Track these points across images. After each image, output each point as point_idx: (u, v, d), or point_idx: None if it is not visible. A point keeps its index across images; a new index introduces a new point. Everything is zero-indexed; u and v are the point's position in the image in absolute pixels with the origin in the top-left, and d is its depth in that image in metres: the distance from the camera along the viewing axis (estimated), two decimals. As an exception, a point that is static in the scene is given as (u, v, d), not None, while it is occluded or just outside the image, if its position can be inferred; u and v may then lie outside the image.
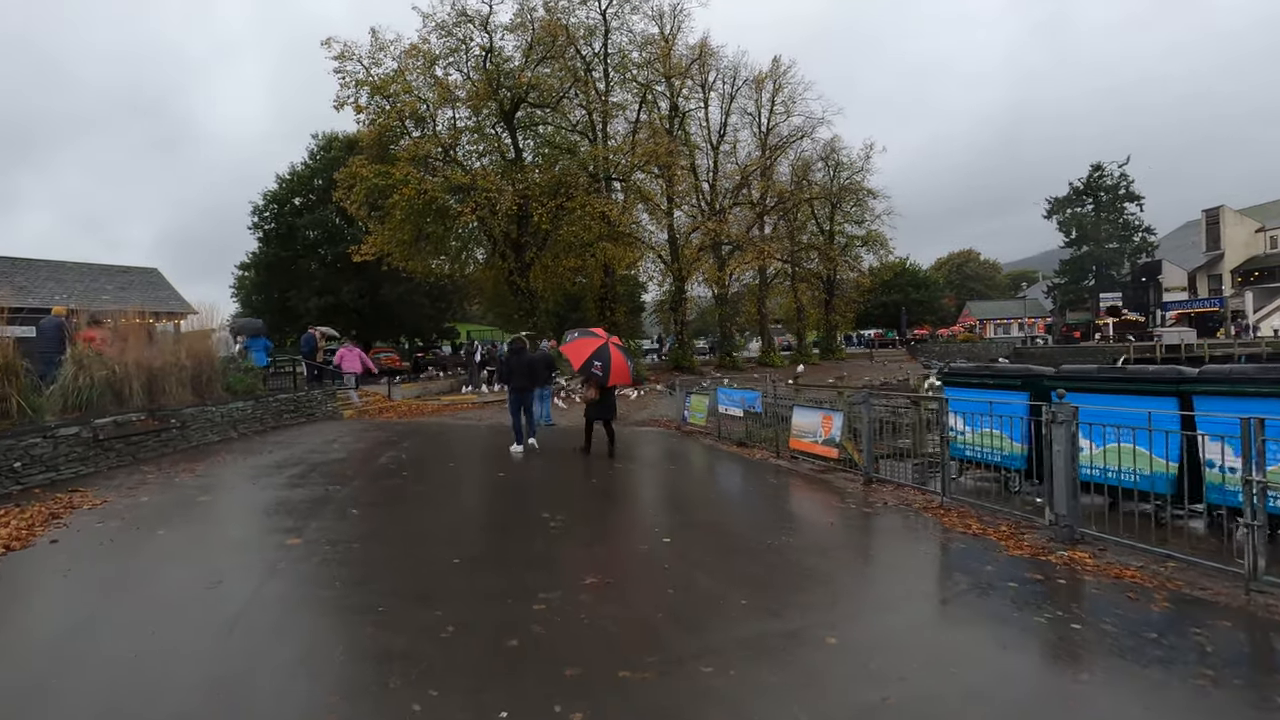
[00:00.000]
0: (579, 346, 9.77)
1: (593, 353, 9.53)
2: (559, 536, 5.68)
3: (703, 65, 35.69)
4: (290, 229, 39.18)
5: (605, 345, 9.70)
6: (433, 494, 7.38)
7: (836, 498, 7.48)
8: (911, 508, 6.94)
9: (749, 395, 11.61)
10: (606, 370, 9.45)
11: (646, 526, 6.09)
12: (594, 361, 9.45)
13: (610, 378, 9.57)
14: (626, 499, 7.52)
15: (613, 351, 9.65)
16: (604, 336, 9.99)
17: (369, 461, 9.29)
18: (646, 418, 17.30)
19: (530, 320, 25.93)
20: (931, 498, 7.22)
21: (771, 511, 7.17)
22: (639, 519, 6.54)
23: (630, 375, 10.10)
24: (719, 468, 9.86)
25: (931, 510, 6.74)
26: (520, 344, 10.89)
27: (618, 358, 9.66)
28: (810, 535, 5.99)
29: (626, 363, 9.84)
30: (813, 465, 9.41)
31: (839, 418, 8.87)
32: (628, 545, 5.55)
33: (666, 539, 5.55)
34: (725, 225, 36.72)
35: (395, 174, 20.99)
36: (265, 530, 5.78)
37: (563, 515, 6.29)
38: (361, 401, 17.27)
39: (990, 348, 60.15)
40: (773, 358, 41.99)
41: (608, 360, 9.48)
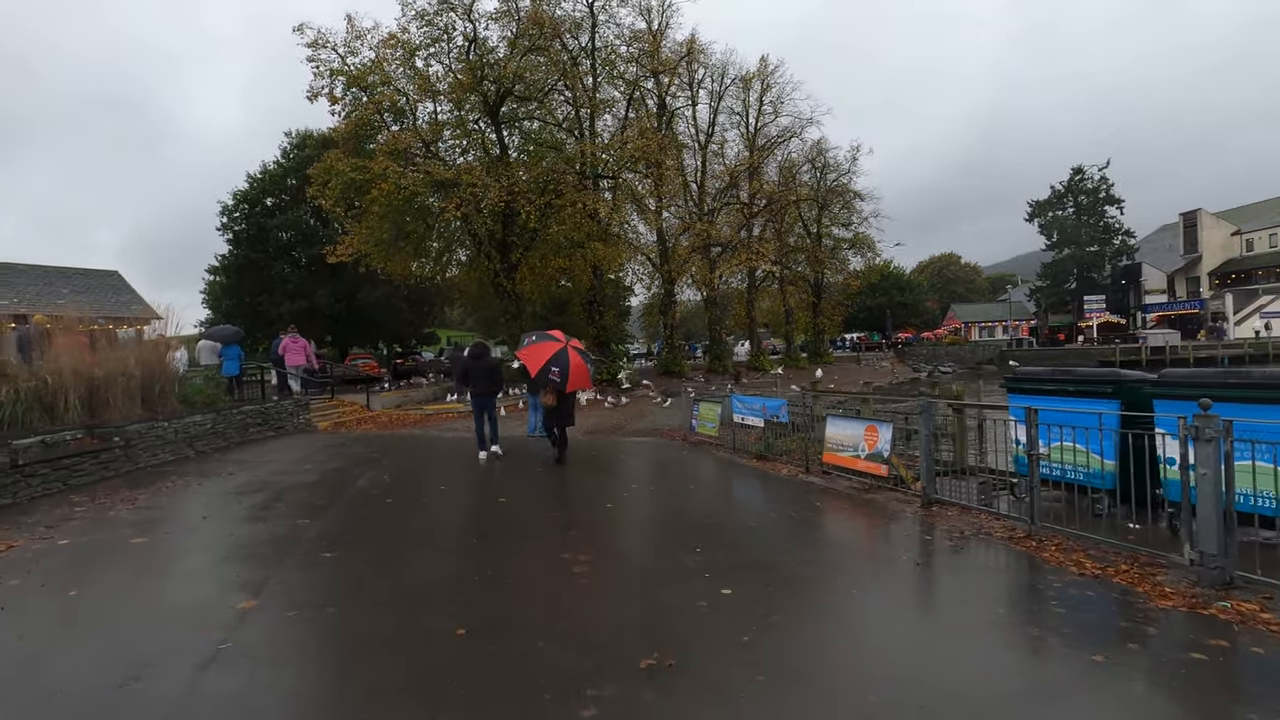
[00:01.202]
0: (535, 351, 9.40)
1: (550, 358, 9.13)
2: (588, 589, 4.52)
3: (690, 63, 34.78)
4: (262, 230, 37.46)
5: (564, 350, 9.29)
6: (422, 528, 6.16)
7: (900, 525, 6.40)
8: (993, 537, 5.88)
9: (771, 403, 10.53)
10: (564, 376, 9.04)
11: (694, 567, 4.94)
12: (551, 368, 9.06)
13: (569, 383, 9.15)
14: (656, 530, 6.36)
15: (571, 356, 9.25)
16: (562, 340, 9.55)
17: (345, 485, 8.03)
18: (647, 427, 16.15)
19: (516, 324, 24.67)
20: (1012, 525, 6.16)
21: (834, 547, 6.06)
22: (680, 557, 5.39)
23: (590, 380, 9.72)
24: (744, 486, 8.75)
25: (1020, 541, 5.69)
26: (482, 348, 10.49)
27: (576, 362, 9.25)
28: (904, 585, 4.89)
29: (586, 366, 9.48)
30: (852, 483, 8.34)
31: (886, 429, 7.81)
32: (678, 594, 4.41)
33: (726, 590, 4.41)
34: (715, 227, 35.87)
35: (373, 168, 19.65)
36: (212, 587, 4.53)
37: (585, 555, 5.13)
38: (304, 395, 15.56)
39: (976, 350, 60.03)
40: (762, 361, 41.17)
41: (565, 365, 9.07)
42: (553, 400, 9.46)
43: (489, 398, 10.18)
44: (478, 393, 10.02)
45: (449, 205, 19.66)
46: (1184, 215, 67.98)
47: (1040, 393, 7.05)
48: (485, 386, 10.03)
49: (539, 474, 9.12)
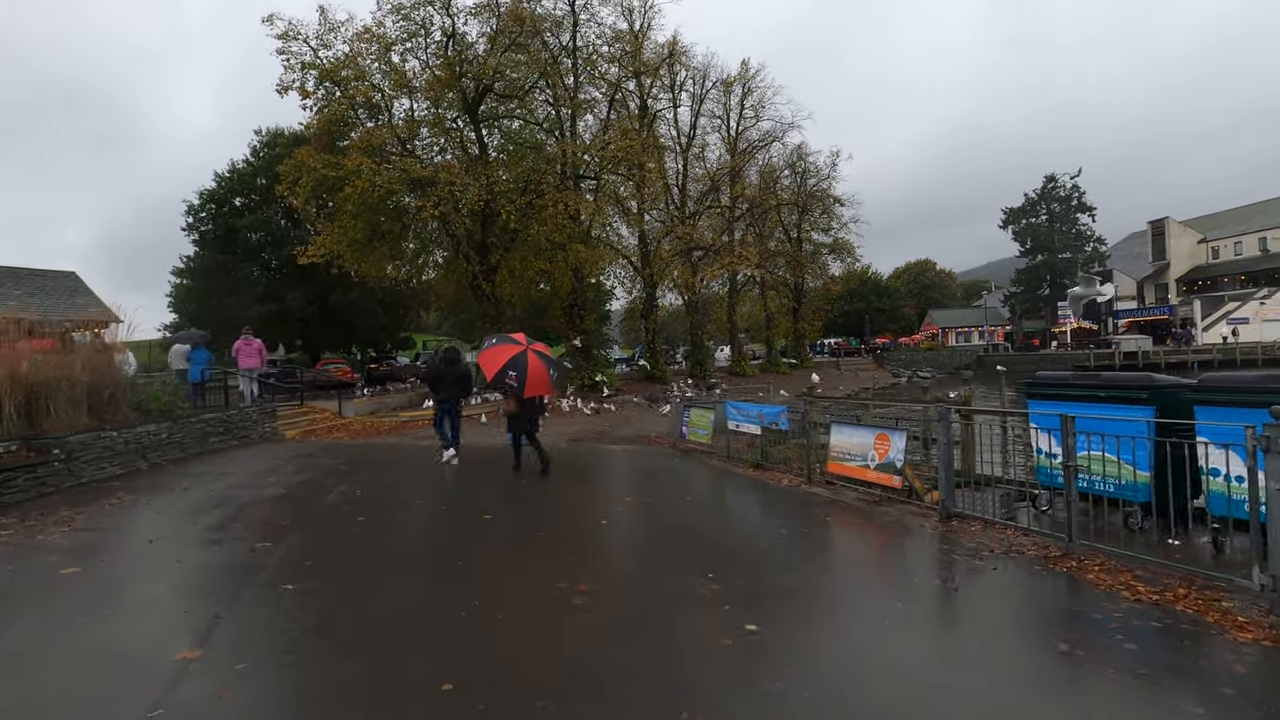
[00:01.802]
0: (493, 354, 9.03)
1: (507, 362, 8.76)
2: (593, 626, 3.92)
3: (672, 64, 34.47)
4: (230, 231, 36.23)
5: (523, 353, 8.93)
6: (398, 551, 5.51)
7: (922, 543, 5.90)
8: (1025, 556, 5.41)
9: (769, 410, 10.02)
10: (522, 381, 8.66)
11: (710, 597, 4.37)
12: (508, 372, 8.68)
13: (526, 388, 8.75)
14: (661, 551, 5.77)
15: (531, 360, 8.87)
16: (523, 344, 9.18)
17: (313, 501, 7.33)
18: (633, 434, 15.55)
19: (495, 327, 23.92)
20: (1044, 541, 5.69)
21: (858, 569, 5.53)
22: (692, 584, 4.82)
23: (551, 385, 9.37)
24: (746, 499, 8.21)
25: (1057, 561, 5.21)
26: (454, 354, 10.25)
27: (536, 366, 8.85)
28: (946, 616, 4.37)
29: (548, 371, 9.08)
30: (859, 494, 7.85)
31: (899, 438, 7.33)
32: (698, 631, 3.84)
33: (751, 624, 3.85)
34: (697, 230, 35.50)
35: (346, 165, 18.83)
36: (150, 631, 3.84)
37: (585, 583, 4.54)
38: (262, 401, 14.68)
39: (954, 355, 60.32)
40: (744, 366, 40.87)
41: (524, 370, 8.70)
42: (514, 406, 9.12)
43: (455, 403, 10.05)
44: (444, 398, 9.87)
45: (426, 204, 18.91)
46: (1152, 223, 69.43)
47: (1066, 398, 6.62)
48: (452, 392, 9.86)
49: (524, 486, 8.49)
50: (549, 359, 9.46)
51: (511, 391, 8.89)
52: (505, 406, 9.43)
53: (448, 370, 9.91)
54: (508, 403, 9.25)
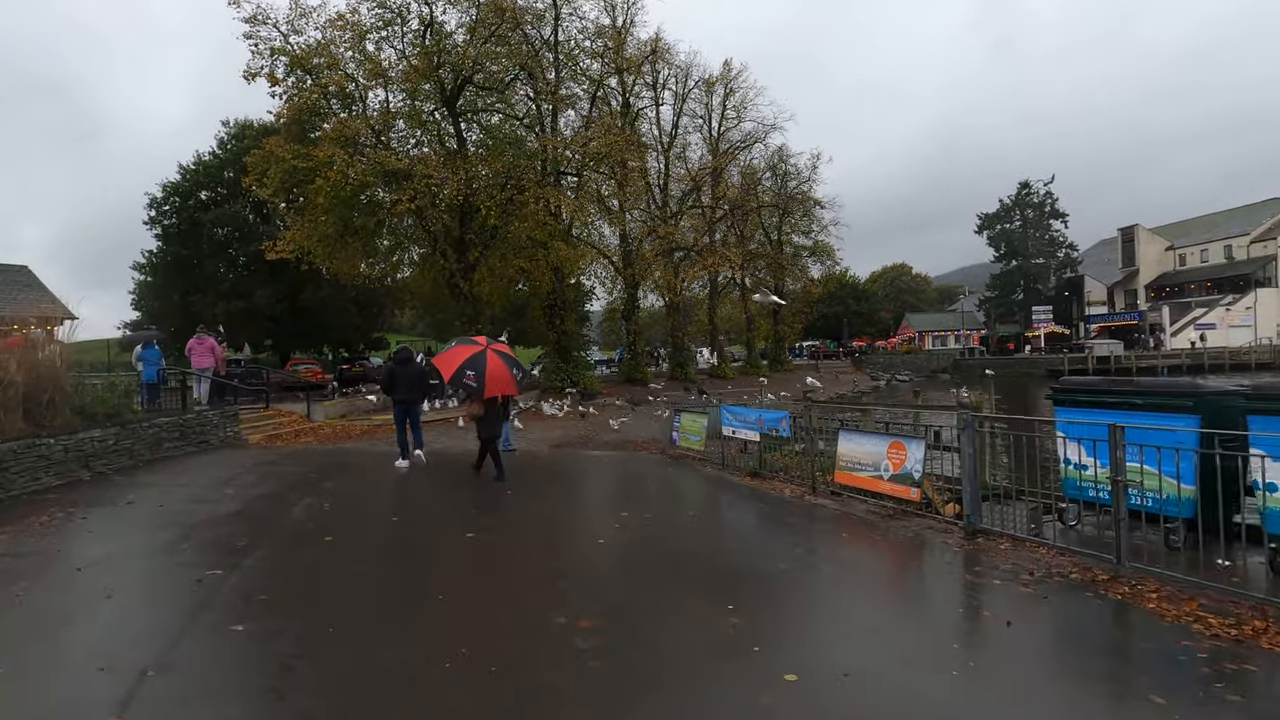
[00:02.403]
0: (451, 355, 8.84)
1: (464, 361, 8.51)
2: (604, 678, 3.31)
3: (655, 62, 33.96)
4: (194, 225, 34.84)
5: (482, 353, 8.68)
6: (371, 579, 4.81)
7: (952, 564, 5.38)
8: (1069, 579, 4.91)
9: (770, 415, 9.48)
10: (481, 380, 8.38)
11: (735, 638, 3.79)
12: (466, 371, 8.41)
13: (486, 388, 8.45)
14: (668, 577, 5.14)
15: (491, 359, 8.62)
16: (483, 344, 8.95)
17: (275, 517, 6.59)
18: (618, 439, 14.94)
19: (473, 328, 23.12)
20: (1083, 562, 5.21)
21: (892, 598, 4.96)
22: (713, 619, 4.22)
23: (515, 385, 9.09)
24: (750, 513, 7.65)
25: (1107, 586, 4.72)
26: (407, 353, 9.98)
27: (496, 366, 8.59)
28: (1012, 662, 3.83)
29: (510, 372, 8.81)
30: (870, 506, 7.34)
31: (916, 447, 6.81)
32: (730, 684, 3.24)
33: (789, 674, 3.27)
34: (679, 230, 35.03)
35: (317, 155, 17.91)
36: (64, 689, 3.14)
37: (587, 619, 3.92)
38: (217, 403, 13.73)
39: (931, 359, 60.74)
40: (724, 369, 40.48)
41: (482, 369, 8.43)
42: (479, 409, 8.81)
43: (413, 404, 9.84)
44: (401, 399, 9.63)
45: (402, 198, 18.05)
46: (1122, 230, 70.75)
47: (1097, 406, 6.17)
48: (409, 394, 9.64)
49: (509, 500, 7.83)
50: (511, 359, 9.14)
51: (471, 391, 8.62)
52: (469, 410, 9.11)
53: (402, 370, 9.65)
54: (471, 406, 8.92)
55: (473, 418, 9.16)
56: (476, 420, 9.05)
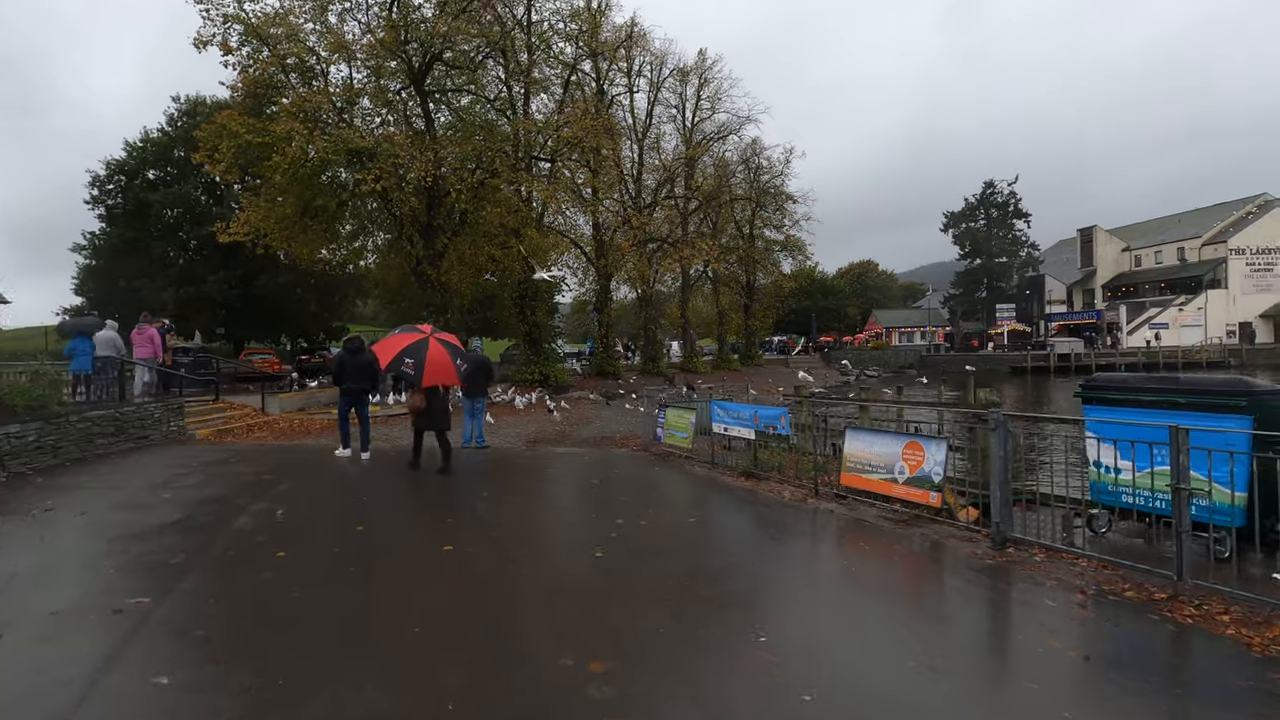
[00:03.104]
0: (391, 342, 8.52)
1: (404, 348, 8.22)
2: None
3: (630, 48, 33.21)
4: (141, 206, 32.87)
5: (424, 341, 8.39)
6: (332, 606, 4.05)
7: (989, 580, 4.85)
8: (1122, 596, 4.43)
9: (767, 411, 8.89)
10: (419, 369, 8.12)
11: (779, 684, 3.17)
12: (404, 358, 8.14)
13: (425, 376, 8.17)
14: (682, 601, 4.49)
15: (433, 347, 8.31)
16: (426, 332, 8.66)
17: (218, 527, 5.74)
18: (596, 435, 14.23)
19: (441, 318, 22.13)
20: (1132, 576, 4.73)
21: (937, 623, 4.40)
22: (746, 654, 3.60)
23: (457, 376, 8.74)
24: (753, 519, 7.05)
25: (1168, 605, 4.23)
26: (358, 343, 9.64)
27: (438, 354, 8.28)
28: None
29: (452, 361, 8.47)
30: (879, 511, 6.82)
31: (937, 448, 6.29)
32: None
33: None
34: (653, 221, 34.41)
35: (274, 129, 16.72)
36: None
37: (598, 660, 3.26)
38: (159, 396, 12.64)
39: (898, 355, 61.29)
40: (696, 363, 40.08)
41: (422, 357, 8.16)
42: (421, 401, 8.54)
43: (361, 395, 9.66)
44: (349, 390, 9.46)
45: (366, 177, 16.97)
46: (1081, 231, 72.42)
47: (1133, 405, 5.72)
48: (357, 383, 9.44)
49: (488, 506, 7.09)
50: (455, 349, 8.78)
51: (408, 379, 8.36)
52: (411, 402, 8.76)
53: (352, 360, 9.39)
54: (415, 397, 8.62)
55: (413, 410, 8.78)
56: (417, 413, 8.73)
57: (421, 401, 8.57)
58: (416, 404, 8.64)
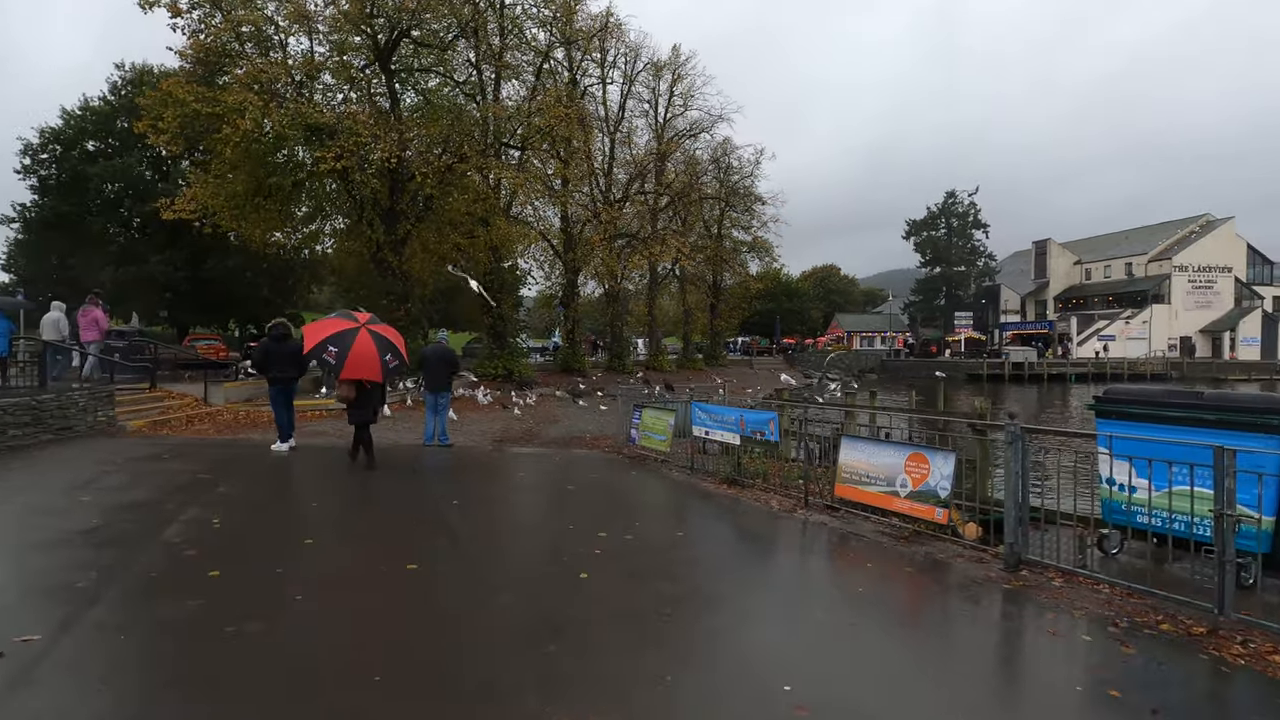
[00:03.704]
0: (320, 326, 8.22)
1: (331, 335, 7.90)
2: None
3: (604, 39, 32.55)
4: (78, 179, 30.87)
5: (354, 330, 8.04)
6: (274, 650, 3.38)
7: (1012, 608, 4.46)
8: (1156, 629, 4.07)
9: (754, 416, 8.41)
10: (341, 359, 7.81)
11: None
12: (328, 346, 7.82)
13: (345, 368, 7.86)
14: (687, 631, 3.97)
15: (361, 339, 7.95)
16: (361, 321, 8.32)
17: (144, 538, 4.97)
18: (564, 435, 13.62)
19: (403, 308, 21.18)
20: (1164, 605, 4.38)
21: (971, 659, 3.95)
22: (761, 693, 3.09)
23: (381, 373, 8.27)
24: (744, 532, 6.57)
25: (1210, 641, 3.88)
26: (284, 329, 9.24)
27: (364, 347, 7.90)
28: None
29: (379, 356, 8.05)
30: (876, 526, 6.42)
31: (944, 461, 5.88)
32: None
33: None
34: (623, 217, 33.86)
35: (226, 99, 15.58)
36: None
37: (604, 717, 2.70)
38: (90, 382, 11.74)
39: (860, 359, 61.98)
40: (661, 361, 39.71)
41: (347, 347, 7.83)
42: (350, 393, 8.15)
43: (291, 384, 9.30)
44: (278, 378, 9.10)
45: (326, 155, 15.96)
46: (1036, 243, 74.57)
47: (1155, 420, 5.41)
48: (286, 372, 9.07)
49: (458, 514, 6.43)
50: (388, 343, 8.31)
51: (328, 368, 8.01)
52: (340, 393, 8.43)
53: (278, 348, 9.02)
54: (342, 388, 8.26)
55: (342, 400, 8.42)
56: (348, 405, 8.37)
57: (351, 392, 8.16)
58: (345, 395, 8.25)
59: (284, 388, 9.21)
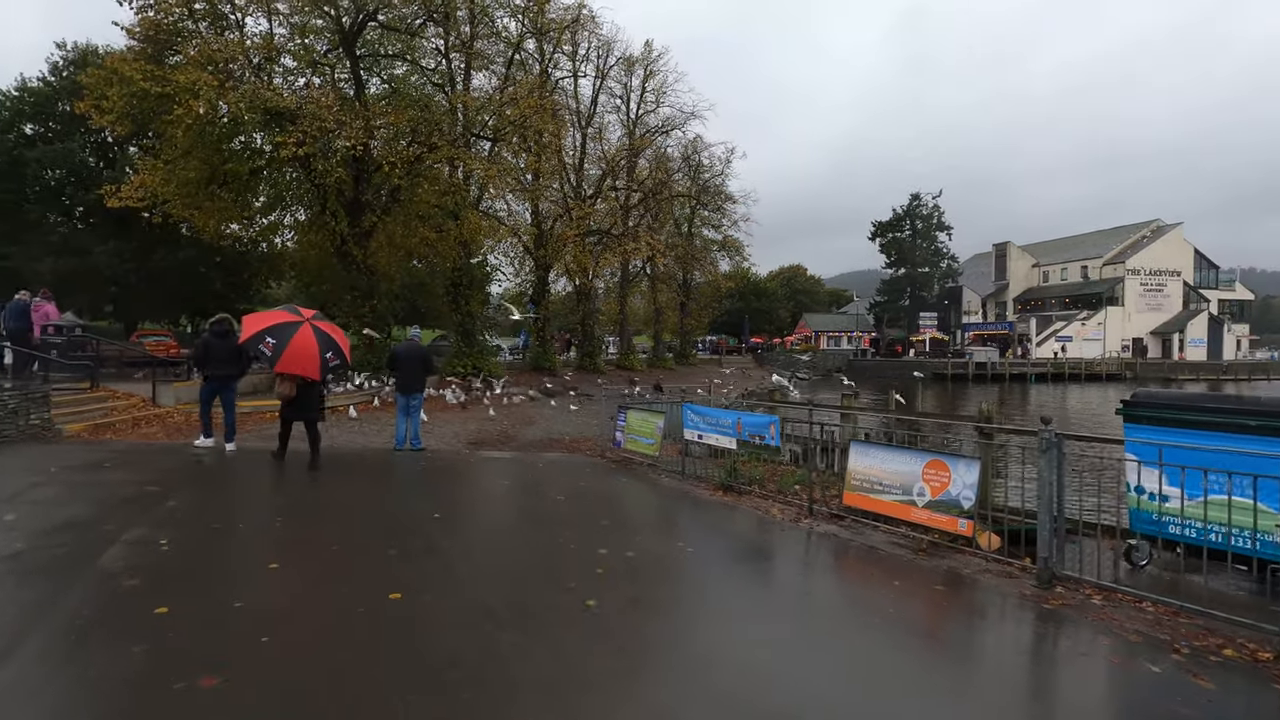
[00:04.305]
0: (260, 318, 8.04)
1: (270, 326, 7.72)
2: None
3: (576, 31, 31.92)
4: (15, 164, 28.98)
5: (296, 324, 7.85)
6: (241, 708, 2.80)
7: (1067, 633, 4.09)
8: (1220, 654, 3.74)
9: (752, 419, 7.97)
10: (278, 351, 7.57)
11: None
12: (265, 337, 7.59)
13: (281, 361, 7.63)
14: (713, 663, 3.49)
15: (302, 334, 7.74)
16: (305, 316, 8.10)
17: (78, 566, 4.29)
18: (543, 437, 13.02)
19: (367, 304, 20.28)
20: (1220, 628, 4.07)
21: (1055, 702, 3.56)
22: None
23: (319, 370, 8.00)
24: (748, 546, 6.13)
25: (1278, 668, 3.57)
26: (225, 325, 9.02)
27: (304, 342, 7.69)
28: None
29: (319, 353, 7.81)
30: (890, 537, 6.05)
31: (968, 469, 5.51)
32: None
33: None
34: (594, 213, 33.29)
35: (177, 79, 14.53)
36: None
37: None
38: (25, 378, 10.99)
39: (827, 358, 62.49)
40: (632, 360, 39.29)
41: (285, 340, 7.60)
42: (290, 390, 7.93)
43: (229, 381, 9.07)
44: (213, 375, 8.90)
45: (287, 140, 15.01)
46: (996, 246, 76.22)
47: (1190, 425, 5.13)
48: (224, 369, 8.88)
49: (439, 529, 5.84)
50: (330, 341, 8.04)
51: (263, 360, 7.93)
52: (279, 389, 8.14)
53: (218, 344, 8.80)
54: (281, 384, 8.02)
55: (281, 398, 8.14)
56: (284, 401, 8.10)
57: (291, 390, 7.93)
58: (285, 392, 7.96)
59: (220, 385, 8.97)
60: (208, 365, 8.91)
